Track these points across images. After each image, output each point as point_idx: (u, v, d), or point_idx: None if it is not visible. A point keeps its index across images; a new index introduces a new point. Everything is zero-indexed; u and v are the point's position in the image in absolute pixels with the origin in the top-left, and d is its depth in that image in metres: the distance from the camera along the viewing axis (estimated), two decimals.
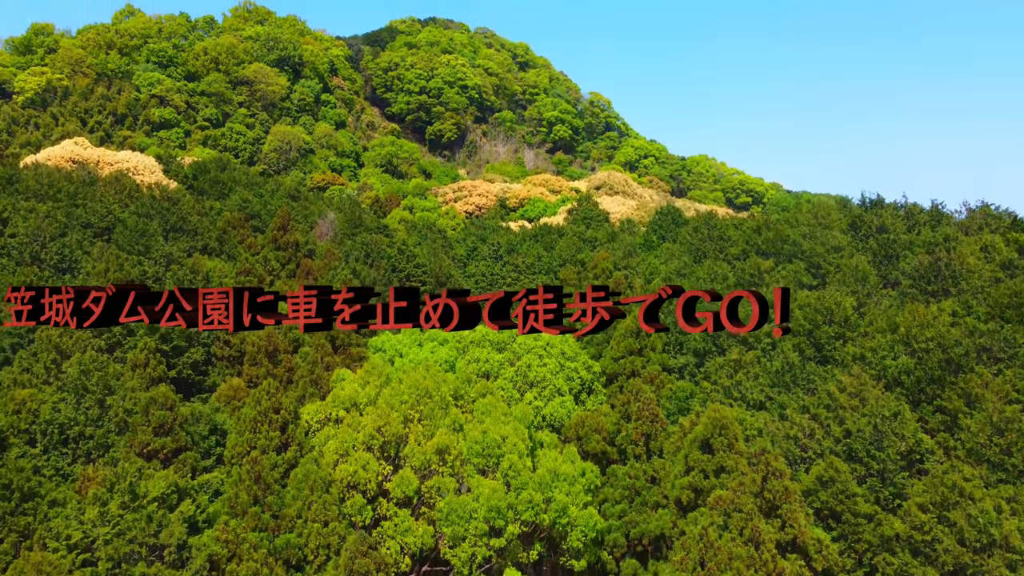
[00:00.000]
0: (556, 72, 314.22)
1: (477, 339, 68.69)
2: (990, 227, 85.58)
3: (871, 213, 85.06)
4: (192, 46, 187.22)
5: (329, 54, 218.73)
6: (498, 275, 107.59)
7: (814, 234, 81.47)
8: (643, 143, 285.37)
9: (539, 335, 69.89)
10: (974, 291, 63.15)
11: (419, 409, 49.90)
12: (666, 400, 62.51)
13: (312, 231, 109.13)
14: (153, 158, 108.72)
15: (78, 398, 46.64)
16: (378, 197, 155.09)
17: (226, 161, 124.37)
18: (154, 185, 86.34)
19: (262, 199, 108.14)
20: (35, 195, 71.24)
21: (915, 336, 54.06)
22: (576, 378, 66.65)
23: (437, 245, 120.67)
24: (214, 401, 52.72)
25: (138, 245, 70.07)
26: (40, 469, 44.20)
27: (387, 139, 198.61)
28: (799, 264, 77.46)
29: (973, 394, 48.27)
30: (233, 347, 60.18)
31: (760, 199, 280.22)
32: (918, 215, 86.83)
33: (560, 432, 62.20)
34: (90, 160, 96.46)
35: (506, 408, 53.53)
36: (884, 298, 66.26)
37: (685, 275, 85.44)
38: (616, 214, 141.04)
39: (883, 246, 75.78)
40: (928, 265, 65.11)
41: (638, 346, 68.99)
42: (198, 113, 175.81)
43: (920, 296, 64.49)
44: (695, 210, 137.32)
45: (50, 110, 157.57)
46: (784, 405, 53.93)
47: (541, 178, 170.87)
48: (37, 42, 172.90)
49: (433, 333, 68.45)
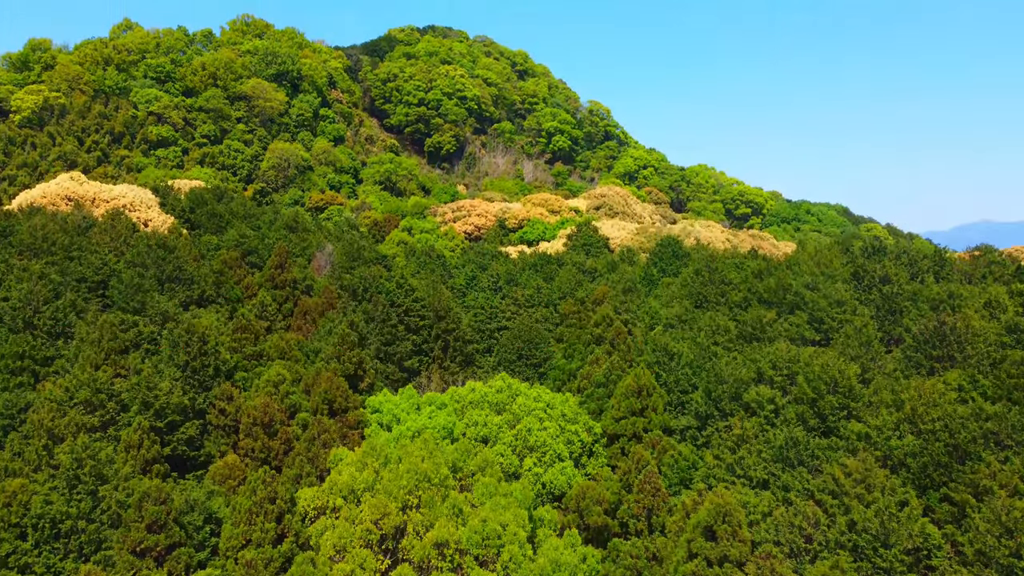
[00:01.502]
0: (555, 80, 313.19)
1: (476, 400, 67.90)
2: (993, 274, 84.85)
3: (873, 261, 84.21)
4: (190, 61, 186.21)
5: (328, 66, 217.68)
6: (497, 308, 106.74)
7: (816, 284, 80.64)
8: (642, 153, 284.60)
9: (540, 396, 69.09)
10: (980, 357, 62.36)
11: (417, 495, 49.11)
12: (667, 468, 61.74)
13: (310, 264, 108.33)
14: (150, 191, 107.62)
15: (70, 488, 45.83)
16: (376, 221, 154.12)
17: (223, 190, 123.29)
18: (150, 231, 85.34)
19: (259, 232, 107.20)
20: (29, 249, 70.29)
21: (921, 416, 53.30)
22: (576, 441, 65.86)
23: (436, 275, 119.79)
24: (208, 483, 51.85)
25: (133, 302, 69.21)
26: (31, 566, 43.41)
27: (385, 156, 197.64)
28: (801, 316, 76.65)
29: (981, 485, 47.53)
30: (229, 416, 59.31)
31: (759, 210, 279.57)
32: (921, 262, 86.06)
33: (561, 501, 61.43)
34: (85, 197, 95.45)
35: (506, 488, 52.66)
36: (889, 361, 65.48)
37: (686, 321, 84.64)
38: (615, 239, 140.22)
39: (887, 299, 74.98)
40: (933, 329, 64.31)
41: (639, 406, 68.19)
42: (196, 130, 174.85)
43: (925, 362, 63.71)
44: (695, 238, 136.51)
45: (47, 129, 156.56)
46: (788, 486, 53.15)
47: (540, 197, 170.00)
48: (34, 58, 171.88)
49: (431, 396, 67.69)
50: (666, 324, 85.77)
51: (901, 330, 72.69)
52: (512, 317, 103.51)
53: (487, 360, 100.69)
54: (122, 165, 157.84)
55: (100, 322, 58.93)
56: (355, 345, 73.40)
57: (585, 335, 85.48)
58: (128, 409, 54.94)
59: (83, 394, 53.41)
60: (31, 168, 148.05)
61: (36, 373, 57.17)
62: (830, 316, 74.35)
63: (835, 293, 75.47)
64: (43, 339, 60.43)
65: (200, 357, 62.65)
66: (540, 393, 69.25)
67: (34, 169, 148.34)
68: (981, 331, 64.71)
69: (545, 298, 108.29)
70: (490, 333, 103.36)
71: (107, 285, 72.12)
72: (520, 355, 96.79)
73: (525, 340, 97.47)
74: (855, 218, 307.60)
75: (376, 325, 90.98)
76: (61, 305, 62.92)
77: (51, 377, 57.06)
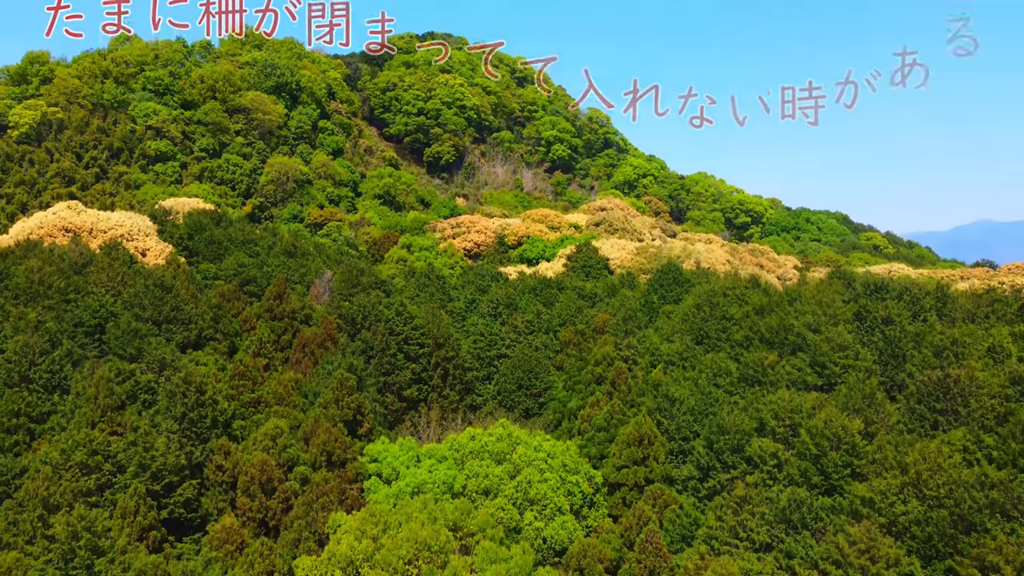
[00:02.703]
0: (554, 86, 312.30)
1: (476, 449, 67.41)
2: (996, 313, 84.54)
3: (875, 301, 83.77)
4: (188, 74, 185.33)
5: (327, 77, 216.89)
6: (497, 335, 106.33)
7: (818, 324, 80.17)
8: (641, 162, 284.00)
9: (540, 445, 68.60)
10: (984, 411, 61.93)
11: (418, 565, 48.66)
12: (669, 524, 61.39)
13: (309, 291, 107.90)
14: (147, 217, 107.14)
15: (66, 562, 45.34)
16: (375, 239, 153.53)
17: (221, 213, 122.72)
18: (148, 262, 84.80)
19: (258, 259, 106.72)
20: (26, 293, 69.76)
21: (925, 481, 52.90)
22: (577, 492, 65.43)
23: (435, 299, 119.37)
24: (207, 551, 51.35)
25: (130, 348, 68.68)
26: None
27: (385, 171, 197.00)
28: (803, 358, 76.18)
29: (987, 560, 47.09)
30: (226, 472, 58.78)
31: (759, 219, 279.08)
32: (923, 299, 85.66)
33: (562, 557, 60.97)
34: (83, 228, 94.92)
35: (506, 552, 52.21)
36: (892, 413, 64.99)
37: (687, 359, 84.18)
38: (615, 260, 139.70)
39: (889, 343, 74.54)
40: (937, 382, 63.90)
41: (641, 455, 67.81)
42: (194, 143, 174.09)
43: (928, 415, 63.27)
44: (695, 260, 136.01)
45: (45, 145, 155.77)
46: (791, 553, 52.71)
47: (540, 213, 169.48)
48: (32, 71, 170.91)
49: (431, 448, 67.22)
50: (667, 361, 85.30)
51: (904, 376, 72.23)
52: (512, 345, 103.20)
53: (487, 388, 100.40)
54: (120, 182, 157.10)
55: (96, 378, 58.38)
56: (353, 390, 72.94)
57: (586, 374, 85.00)
58: (124, 470, 54.40)
59: (79, 456, 52.89)
60: (28, 186, 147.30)
61: (32, 431, 56.66)
62: (832, 361, 73.87)
63: (837, 337, 74.98)
64: (39, 393, 59.90)
65: (197, 408, 62.20)
66: (541, 442, 68.82)
67: (32, 187, 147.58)
68: (984, 383, 64.27)
69: (545, 324, 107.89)
70: (489, 360, 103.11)
71: (104, 329, 71.58)
72: (520, 385, 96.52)
73: (525, 370, 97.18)
74: (854, 226, 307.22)
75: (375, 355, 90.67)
76: (57, 356, 62.34)
77: (47, 435, 56.54)
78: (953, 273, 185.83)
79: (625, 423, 72.96)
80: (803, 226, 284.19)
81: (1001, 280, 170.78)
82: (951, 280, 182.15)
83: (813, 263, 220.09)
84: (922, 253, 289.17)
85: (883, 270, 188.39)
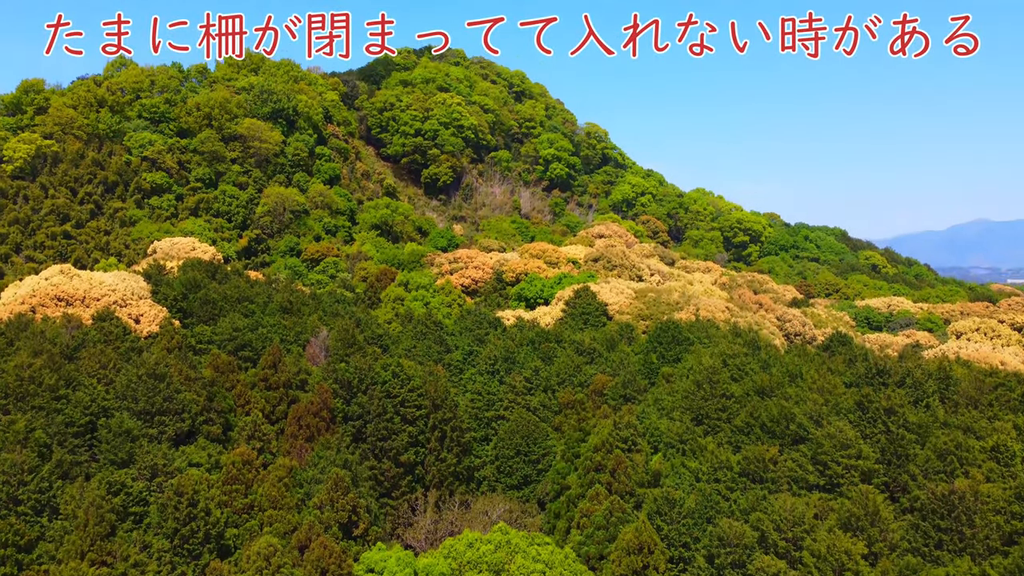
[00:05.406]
0: (552, 100, 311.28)
1: (474, 559, 66.44)
2: (999, 400, 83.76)
3: (877, 388, 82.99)
4: (184, 101, 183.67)
5: (323, 99, 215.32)
6: (495, 395, 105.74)
7: (820, 414, 79.33)
8: (639, 180, 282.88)
9: (539, 554, 67.64)
10: (989, 531, 61.21)
11: None
12: None
13: (305, 351, 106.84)
14: (141, 277, 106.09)
15: None
16: (372, 281, 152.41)
17: (217, 266, 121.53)
18: (140, 360, 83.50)
19: (253, 319, 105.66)
20: (15, 393, 68.65)
21: None
22: None
23: (432, 352, 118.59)
24: None
25: (121, 453, 67.68)
26: None
27: (382, 201, 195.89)
28: (805, 452, 75.33)
29: None
30: None
31: (757, 237, 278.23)
32: (926, 384, 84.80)
33: None
34: (75, 296, 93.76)
35: None
36: (896, 530, 64.18)
37: (686, 442, 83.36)
38: (613, 305, 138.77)
39: (892, 442, 73.70)
40: (941, 498, 63.15)
41: (640, 564, 66.86)
42: (190, 173, 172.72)
43: (933, 533, 62.50)
44: (694, 308, 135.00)
45: (39, 180, 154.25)
46: None
47: (538, 247, 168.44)
48: (27, 100, 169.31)
49: (428, 564, 66.16)
50: (667, 443, 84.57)
51: (907, 477, 71.35)
52: (510, 406, 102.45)
53: (484, 450, 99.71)
54: (115, 218, 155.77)
55: (86, 503, 57.37)
56: (348, 489, 71.95)
57: (584, 460, 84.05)
58: None
59: None
60: (23, 224, 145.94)
61: (20, 562, 55.63)
62: (835, 460, 72.99)
63: (839, 434, 74.04)
64: (28, 516, 58.85)
65: (189, 523, 61.33)
66: (539, 550, 67.80)
67: (26, 225, 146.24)
68: (989, 498, 63.51)
69: (543, 382, 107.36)
70: (487, 421, 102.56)
71: (95, 426, 70.57)
72: (518, 451, 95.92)
73: (523, 435, 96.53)
74: (853, 243, 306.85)
75: (372, 420, 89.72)
76: (47, 472, 61.27)
77: (34, 566, 55.50)
78: (953, 308, 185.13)
79: (625, 521, 72.14)
80: (801, 244, 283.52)
81: (1001, 318, 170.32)
82: (951, 315, 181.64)
83: (813, 291, 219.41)
84: (920, 272, 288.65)
85: (882, 304, 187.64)
